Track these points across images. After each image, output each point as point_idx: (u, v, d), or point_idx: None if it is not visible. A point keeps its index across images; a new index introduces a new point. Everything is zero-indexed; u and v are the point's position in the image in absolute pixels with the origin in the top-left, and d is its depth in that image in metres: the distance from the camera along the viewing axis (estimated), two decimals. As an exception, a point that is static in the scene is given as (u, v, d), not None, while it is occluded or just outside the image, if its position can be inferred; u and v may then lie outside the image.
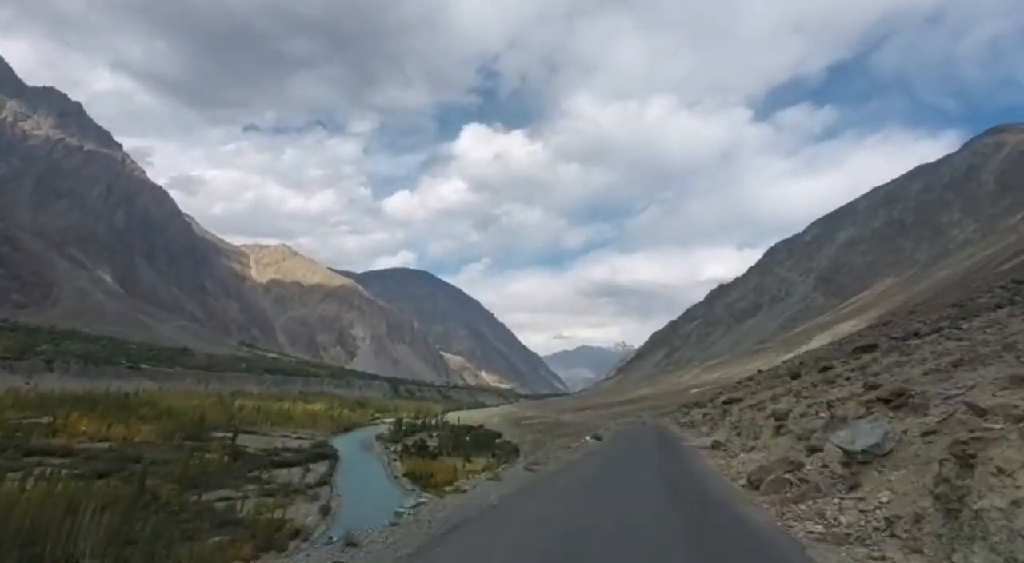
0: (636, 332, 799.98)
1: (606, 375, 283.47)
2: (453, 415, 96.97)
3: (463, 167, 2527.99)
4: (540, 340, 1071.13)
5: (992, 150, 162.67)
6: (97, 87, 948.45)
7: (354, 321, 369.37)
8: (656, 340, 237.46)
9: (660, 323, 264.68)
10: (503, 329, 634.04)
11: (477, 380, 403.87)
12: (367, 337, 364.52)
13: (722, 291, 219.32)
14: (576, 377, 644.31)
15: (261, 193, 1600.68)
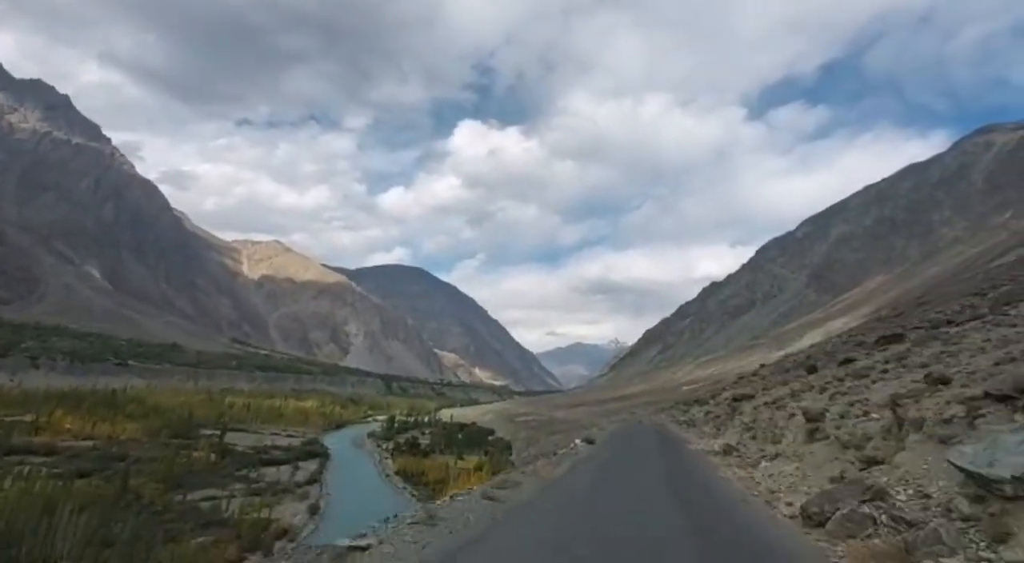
0: (630, 329, 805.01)
1: (600, 372, 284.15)
2: (446, 412, 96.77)
3: (458, 164, 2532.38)
4: (534, 337, 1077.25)
5: (982, 149, 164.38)
6: (85, 80, 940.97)
7: (347, 318, 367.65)
8: (650, 337, 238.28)
9: (654, 320, 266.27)
10: (497, 326, 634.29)
11: (471, 377, 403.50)
12: (360, 334, 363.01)
13: (715, 288, 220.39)
14: (570, 374, 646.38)
15: (254, 188, 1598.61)
